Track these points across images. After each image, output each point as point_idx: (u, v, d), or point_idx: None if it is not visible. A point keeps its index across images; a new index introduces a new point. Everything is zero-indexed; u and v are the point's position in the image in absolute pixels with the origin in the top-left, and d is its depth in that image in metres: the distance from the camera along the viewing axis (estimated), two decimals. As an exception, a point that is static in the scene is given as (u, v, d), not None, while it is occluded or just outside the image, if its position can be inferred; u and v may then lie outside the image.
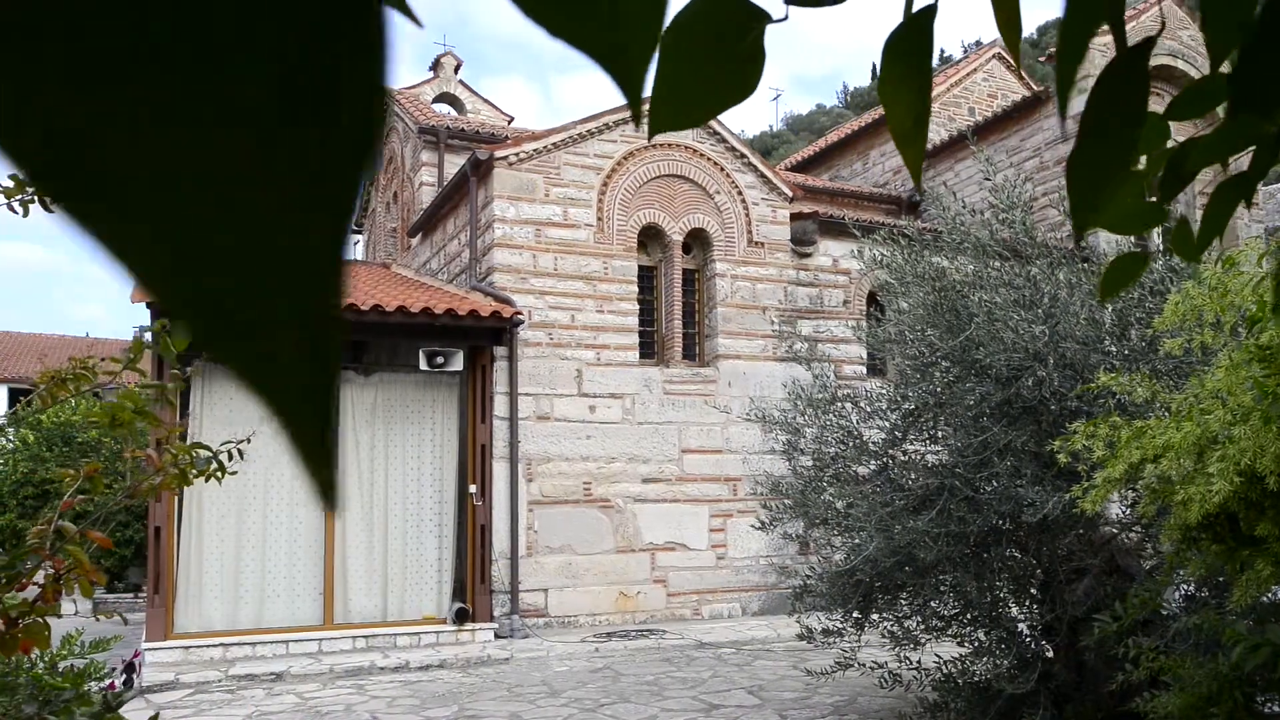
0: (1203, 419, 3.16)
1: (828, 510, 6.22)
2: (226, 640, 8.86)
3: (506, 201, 10.60)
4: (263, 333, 0.25)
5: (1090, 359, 5.41)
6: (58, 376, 2.38)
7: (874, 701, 7.07)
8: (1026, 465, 5.36)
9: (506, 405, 10.30)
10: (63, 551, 1.94)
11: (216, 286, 0.25)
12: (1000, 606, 5.85)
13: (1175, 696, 3.60)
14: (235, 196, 0.25)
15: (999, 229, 5.68)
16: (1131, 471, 3.55)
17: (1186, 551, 3.43)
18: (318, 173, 0.25)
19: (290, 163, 0.25)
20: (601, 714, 6.94)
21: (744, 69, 0.85)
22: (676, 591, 10.99)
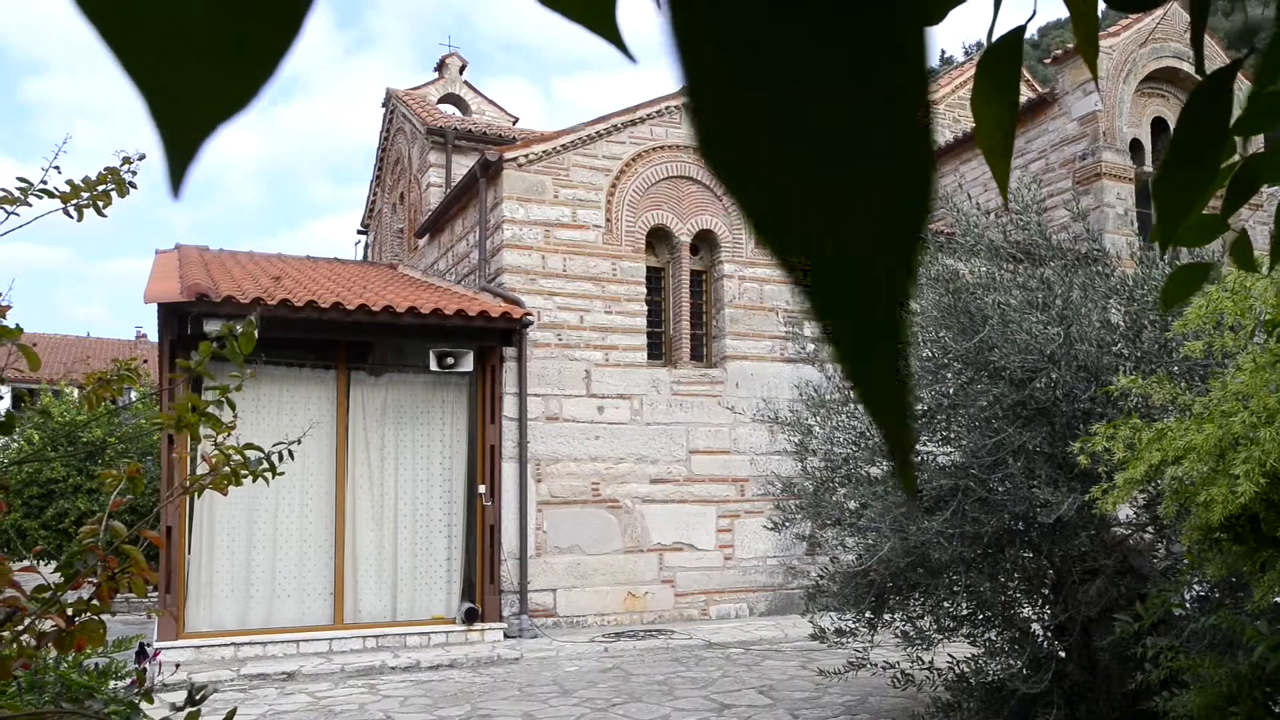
0: (1225, 421, 3.20)
1: (841, 511, 6.25)
2: (238, 640, 8.90)
3: (516, 203, 10.64)
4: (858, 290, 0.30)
5: (1103, 361, 5.44)
6: (103, 378, 2.41)
7: (885, 701, 7.10)
8: (1040, 467, 5.39)
9: (515, 406, 10.34)
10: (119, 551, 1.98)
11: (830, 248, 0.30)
12: (1013, 607, 5.89)
13: (1195, 695, 3.64)
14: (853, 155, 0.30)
15: (1012, 231, 5.72)
16: (1151, 473, 3.58)
17: (1207, 552, 3.47)
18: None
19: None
20: (614, 714, 6.97)
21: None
22: (684, 592, 11.02)
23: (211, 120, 0.29)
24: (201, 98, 0.29)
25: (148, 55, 0.28)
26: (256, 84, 0.30)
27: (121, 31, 0.27)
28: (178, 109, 0.29)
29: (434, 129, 13.93)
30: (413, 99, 15.96)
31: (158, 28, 0.27)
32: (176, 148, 0.29)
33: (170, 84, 0.28)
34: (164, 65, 0.28)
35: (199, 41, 0.28)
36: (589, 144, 11.00)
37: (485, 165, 10.82)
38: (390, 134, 16.66)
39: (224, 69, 0.29)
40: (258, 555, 9.34)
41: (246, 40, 0.29)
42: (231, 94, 0.29)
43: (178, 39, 0.28)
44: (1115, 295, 5.17)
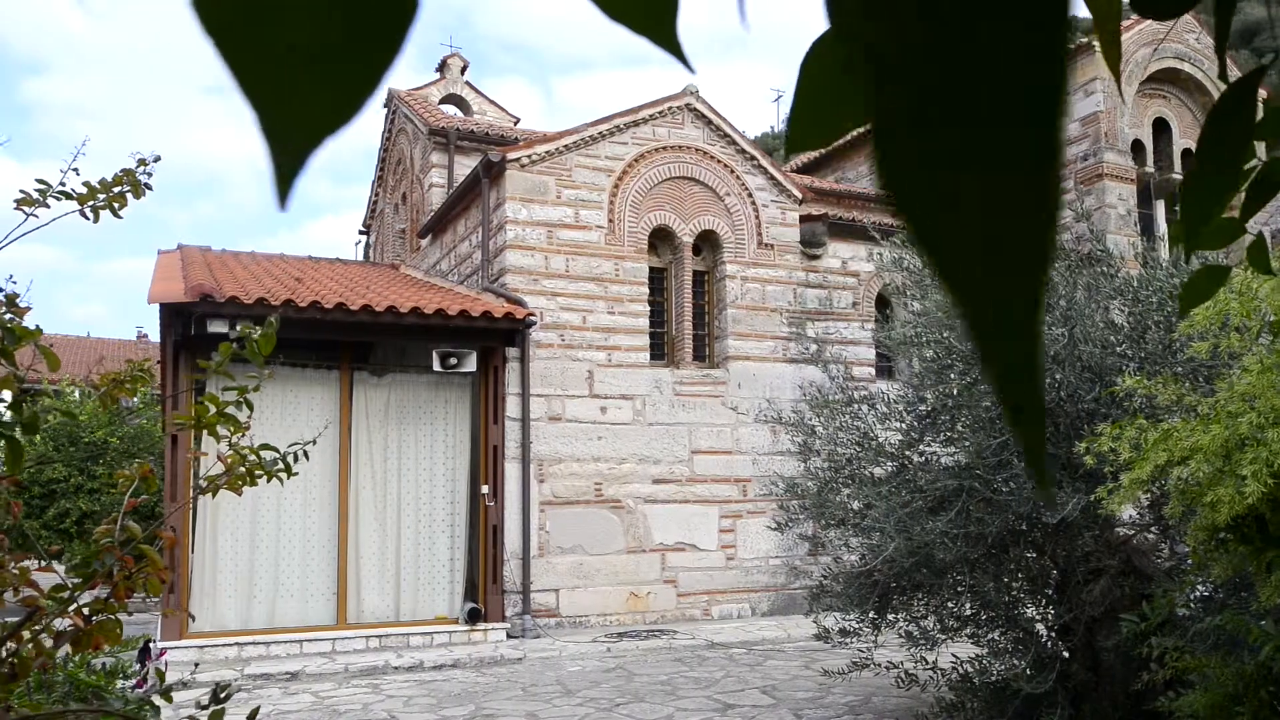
0: (1232, 422, 3.21)
1: (845, 511, 6.26)
2: (241, 640, 8.91)
3: (519, 203, 10.65)
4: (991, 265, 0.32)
5: (1107, 361, 5.46)
6: (117, 379, 2.42)
7: (888, 701, 7.11)
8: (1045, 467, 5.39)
9: (518, 406, 10.35)
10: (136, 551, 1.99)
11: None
12: (1017, 607, 5.89)
13: (1200, 695, 3.65)
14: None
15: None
16: (1157, 473, 3.59)
17: (1213, 552, 3.48)
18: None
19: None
20: (617, 714, 6.98)
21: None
22: (686, 592, 11.03)
23: (317, 135, 0.31)
24: (309, 114, 0.30)
25: (262, 74, 0.29)
26: (360, 100, 0.31)
27: (239, 52, 0.28)
28: (286, 124, 0.30)
29: (436, 129, 13.94)
30: (415, 99, 15.97)
31: (274, 48, 0.28)
32: (283, 160, 0.30)
33: (281, 101, 0.29)
34: (276, 83, 0.29)
35: (310, 61, 0.29)
36: (591, 144, 11.01)
37: (488, 166, 10.83)
38: (392, 134, 16.68)
39: (331, 87, 0.30)
40: (261, 555, 9.36)
41: (353, 59, 0.30)
42: (337, 110, 0.30)
43: (291, 59, 0.29)
44: (1120, 296, 5.18)
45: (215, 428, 1.77)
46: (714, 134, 11.62)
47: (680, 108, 11.48)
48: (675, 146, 11.37)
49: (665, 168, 11.33)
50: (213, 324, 8.68)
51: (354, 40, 0.30)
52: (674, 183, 11.38)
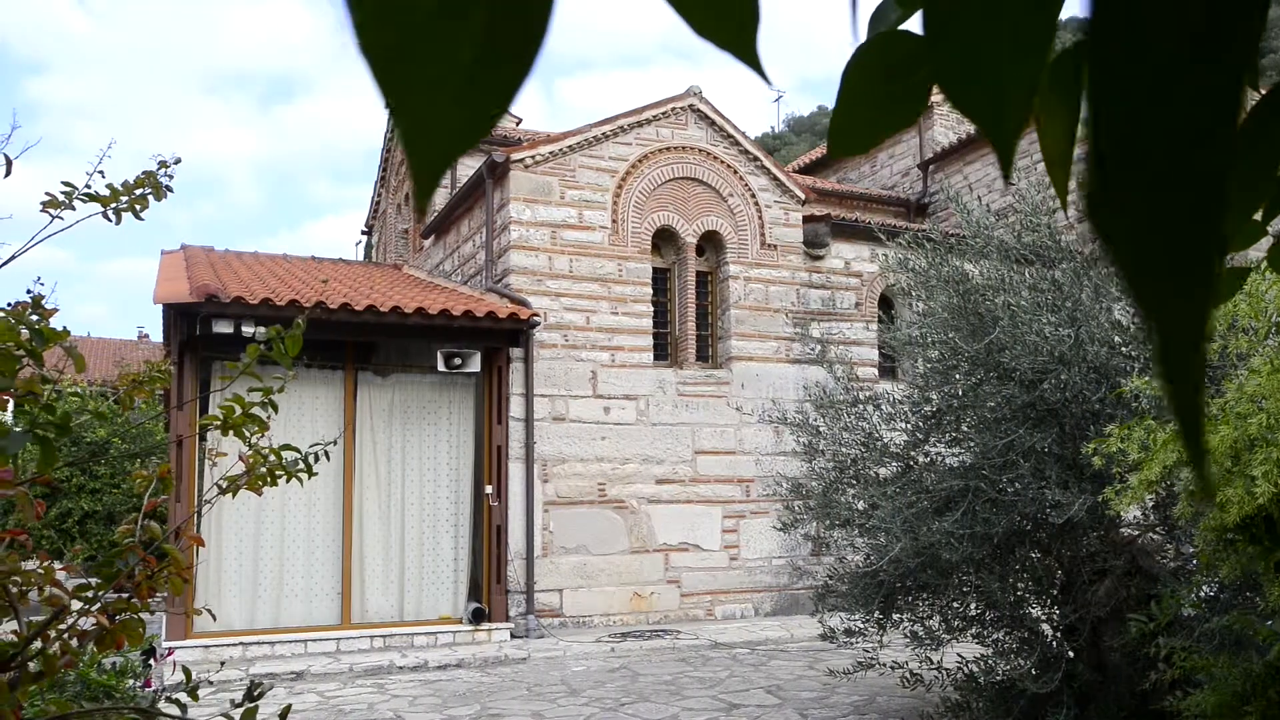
0: (1240, 423, 3.22)
1: (850, 512, 6.28)
2: (246, 640, 8.92)
3: (522, 204, 10.67)
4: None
5: (1113, 362, 5.47)
6: (136, 379, 2.44)
7: (893, 701, 7.13)
8: (1050, 468, 5.42)
9: (522, 406, 10.36)
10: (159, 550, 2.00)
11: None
12: (1022, 607, 5.91)
13: (1208, 694, 3.66)
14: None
15: (1024, 233, 5.75)
16: (1165, 474, 3.61)
17: (1221, 552, 3.49)
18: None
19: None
20: (623, 713, 6.99)
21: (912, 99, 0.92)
22: (690, 592, 11.05)
23: (454, 151, 0.32)
24: (448, 131, 0.31)
25: (410, 96, 0.30)
26: (494, 118, 0.32)
27: (392, 77, 0.30)
28: (428, 141, 0.31)
29: (439, 130, 13.95)
30: (417, 100, 15.99)
31: (423, 74, 0.30)
32: (423, 174, 0.32)
33: (425, 120, 0.31)
34: (421, 104, 0.31)
35: (454, 83, 0.30)
36: (595, 145, 11.02)
37: (492, 166, 10.85)
38: (395, 135, 16.70)
39: (469, 107, 0.31)
40: (265, 555, 9.37)
41: (490, 81, 0.31)
42: (472, 127, 0.32)
43: (436, 81, 0.30)
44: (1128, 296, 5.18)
45: (241, 428, 1.78)
46: (717, 134, 11.64)
47: (683, 108, 11.50)
48: (678, 147, 11.39)
49: (669, 168, 11.34)
50: (218, 324, 8.70)
51: (491, 63, 0.31)
52: (677, 183, 11.39)
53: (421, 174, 0.31)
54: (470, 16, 0.29)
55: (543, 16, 0.32)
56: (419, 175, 0.31)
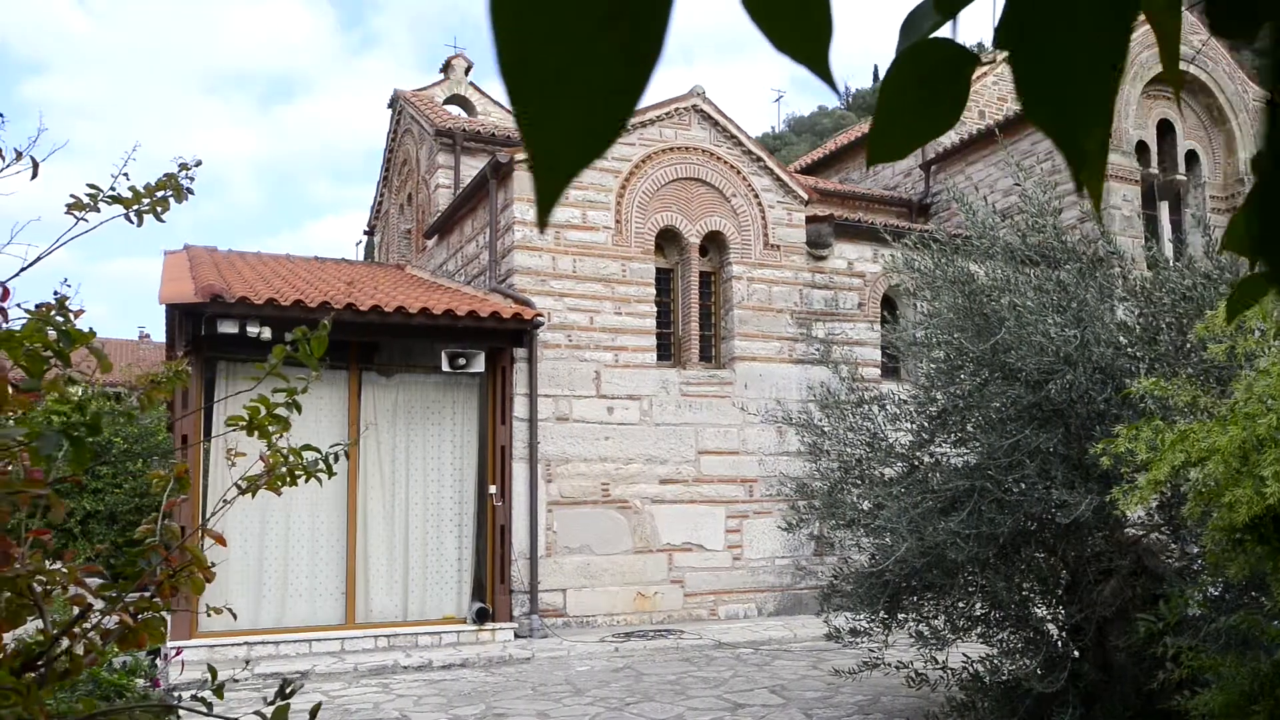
0: (1249, 423, 3.24)
1: (856, 512, 6.29)
2: (250, 639, 8.93)
3: (526, 204, 10.68)
4: None
5: (1118, 362, 5.49)
6: (155, 379, 2.45)
7: (897, 701, 7.14)
8: (1056, 468, 5.43)
9: (526, 406, 10.38)
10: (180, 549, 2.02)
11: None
12: (1028, 607, 5.92)
13: (1216, 694, 3.68)
14: None
15: (1030, 234, 5.76)
16: (1174, 474, 3.62)
17: (1230, 552, 3.51)
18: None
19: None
20: (628, 713, 7.01)
21: (950, 105, 0.93)
22: (693, 592, 11.06)
23: (575, 167, 0.34)
24: (570, 149, 0.33)
25: (540, 118, 0.32)
26: (610, 137, 0.34)
27: (526, 99, 0.31)
28: (552, 157, 0.33)
29: (443, 130, 13.97)
30: (420, 100, 16.00)
31: (552, 96, 0.31)
32: (546, 187, 0.33)
33: (551, 140, 0.32)
34: (549, 125, 0.32)
35: (578, 107, 0.32)
36: (599, 146, 11.03)
37: (496, 167, 10.86)
38: (398, 135, 16.71)
39: (590, 129, 0.33)
40: (270, 554, 9.38)
41: (608, 106, 0.33)
42: (591, 145, 0.33)
43: (564, 105, 0.32)
44: (1134, 297, 5.21)
45: (265, 428, 1.80)
46: (720, 135, 11.65)
47: (687, 109, 11.51)
48: (682, 147, 11.40)
49: (672, 169, 11.36)
50: (223, 324, 8.71)
51: (610, 89, 0.33)
52: (681, 184, 11.41)
53: (545, 188, 0.33)
54: (598, 49, 0.30)
55: (656, 50, 0.33)
56: (543, 189, 0.33)
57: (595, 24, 0.30)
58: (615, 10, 0.31)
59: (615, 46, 0.31)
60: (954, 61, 0.90)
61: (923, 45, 0.88)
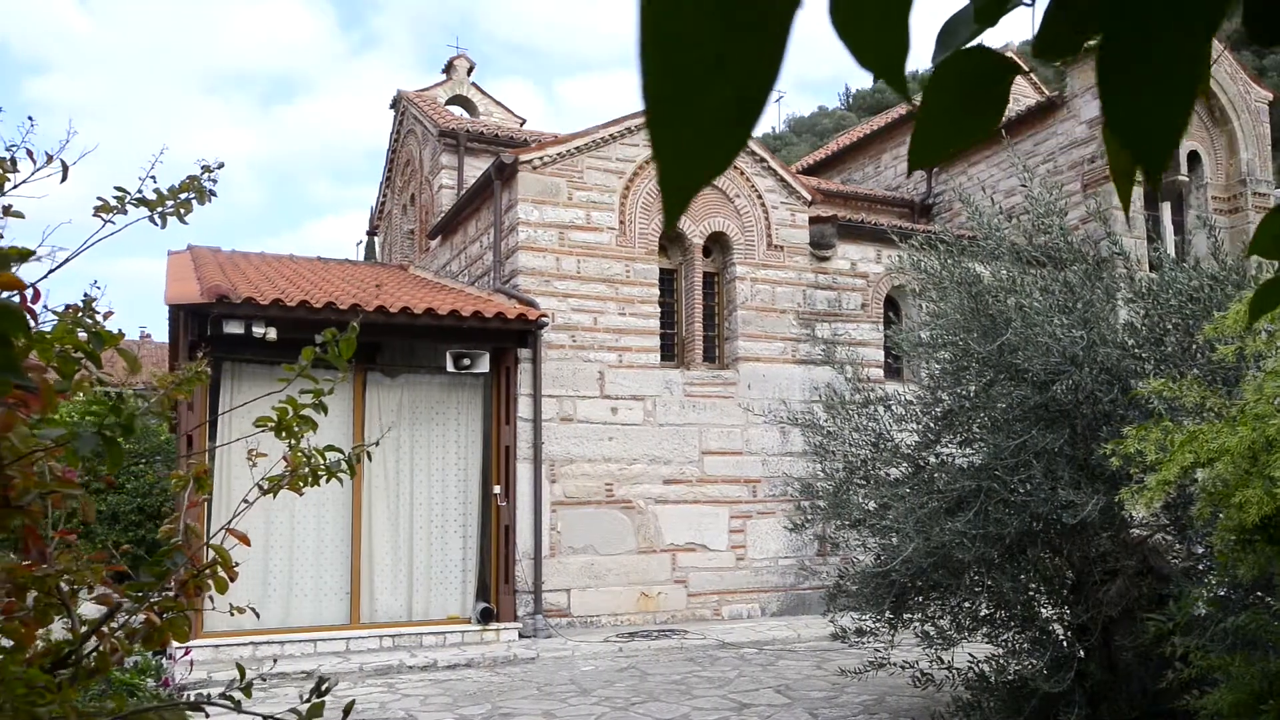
0: (1259, 424, 3.26)
1: (862, 512, 6.31)
2: (256, 639, 8.95)
3: (530, 205, 10.70)
4: None
5: (1124, 363, 5.50)
6: (176, 380, 2.47)
7: (903, 701, 7.16)
8: (1062, 468, 5.45)
9: (530, 407, 10.40)
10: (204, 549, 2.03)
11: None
12: (1033, 607, 5.94)
13: (1225, 693, 3.69)
14: None
15: (1035, 234, 5.78)
16: (1183, 475, 3.64)
17: (1239, 552, 3.52)
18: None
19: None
20: (634, 713, 7.02)
21: (990, 111, 0.95)
22: (697, 592, 11.08)
23: (698, 183, 0.35)
24: (694, 166, 0.35)
25: (672, 136, 0.33)
26: (731, 155, 0.36)
27: (662, 118, 0.33)
28: (679, 175, 0.35)
29: (446, 131, 13.99)
30: (423, 101, 16.02)
31: (685, 116, 0.33)
32: (673, 203, 0.35)
33: (680, 157, 0.34)
34: (679, 143, 0.34)
35: (706, 127, 0.34)
36: (603, 146, 11.06)
37: (500, 168, 10.88)
38: (401, 135, 16.72)
39: (714, 147, 0.35)
40: (275, 554, 9.40)
41: (732, 127, 0.35)
42: (713, 163, 0.35)
43: (694, 125, 0.34)
44: (1141, 299, 5.22)
45: (292, 428, 1.81)
46: (724, 136, 11.67)
47: (690, 110, 11.52)
48: (685, 148, 11.42)
49: (676, 169, 11.37)
50: (228, 325, 8.73)
51: (735, 113, 0.34)
52: (684, 184, 11.42)
53: (672, 199, 0.35)
54: (728, 78, 0.32)
55: (771, 77, 0.35)
56: (670, 200, 0.35)
57: (719, 72, 0.32)
58: (734, 62, 0.32)
59: (732, 91, 0.32)
60: (996, 70, 0.92)
61: (965, 54, 0.90)
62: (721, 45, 0.32)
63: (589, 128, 11.15)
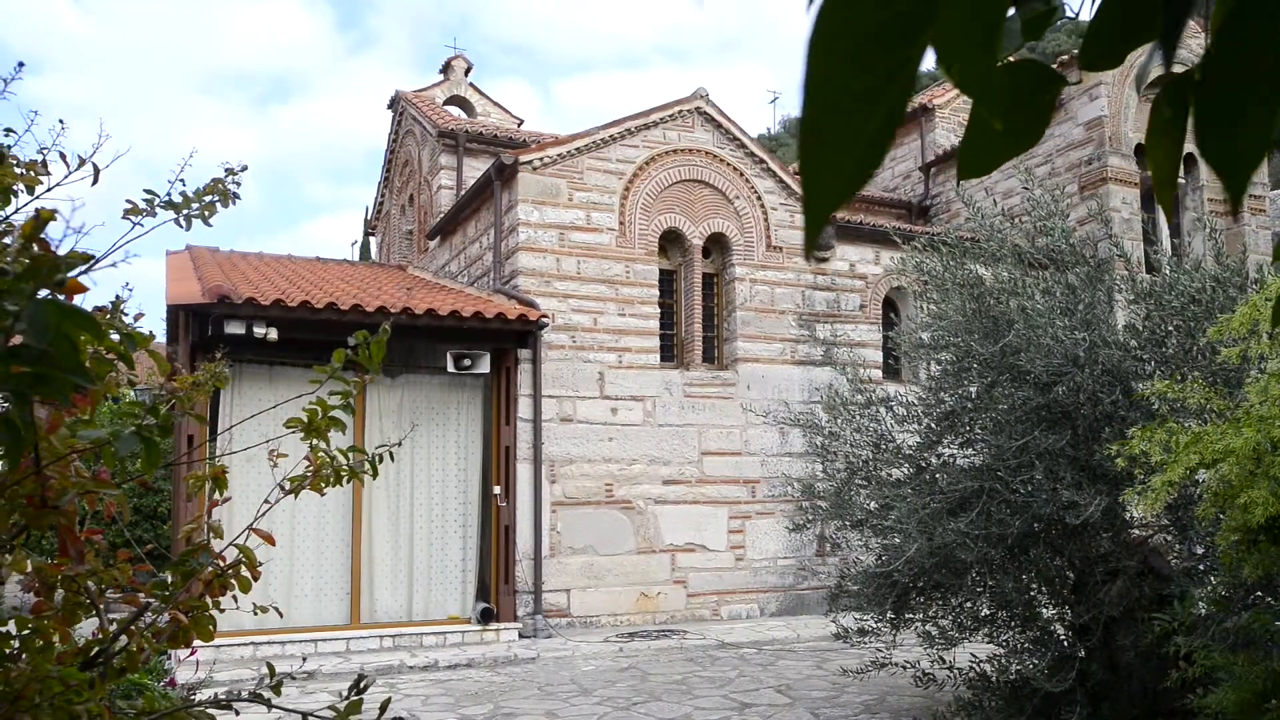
0: (1264, 426, 3.29)
1: (864, 512, 6.34)
2: (256, 639, 8.95)
3: (531, 205, 10.72)
4: None
5: (1125, 364, 5.54)
6: (195, 381, 2.49)
7: (903, 700, 7.19)
8: (1064, 469, 5.48)
9: (530, 407, 10.42)
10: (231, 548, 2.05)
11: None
12: (1035, 607, 5.97)
13: (1229, 692, 3.73)
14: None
15: (1037, 236, 5.82)
16: (1188, 475, 3.67)
17: (1244, 552, 3.56)
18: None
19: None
20: (635, 712, 7.04)
21: (1038, 121, 0.98)
22: (696, 592, 11.11)
23: (836, 204, 0.38)
24: (834, 189, 0.37)
25: (821, 161, 0.36)
26: (867, 177, 0.38)
27: (813, 143, 0.35)
28: (820, 196, 0.37)
29: (445, 131, 14.00)
30: (422, 101, 16.02)
31: (835, 142, 0.36)
32: (813, 222, 0.37)
33: (823, 179, 0.37)
34: (825, 166, 0.36)
35: (853, 152, 0.36)
36: (603, 147, 11.08)
37: (500, 168, 10.89)
38: (399, 136, 16.72)
39: (856, 169, 0.37)
40: (275, 555, 9.39)
41: (875, 149, 0.37)
42: (851, 184, 0.38)
43: (842, 150, 0.36)
44: (1143, 300, 5.26)
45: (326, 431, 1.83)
46: (723, 137, 11.70)
47: (690, 111, 11.56)
48: (685, 149, 11.45)
49: (675, 170, 11.41)
50: (230, 325, 8.73)
51: (878, 137, 0.37)
52: (684, 185, 11.45)
53: (813, 217, 0.37)
54: (878, 107, 0.34)
55: (895, 121, 0.37)
56: (812, 218, 0.37)
57: (869, 103, 0.34)
58: (875, 98, 0.35)
59: (877, 120, 0.35)
60: (1044, 82, 0.94)
61: (1016, 66, 0.93)
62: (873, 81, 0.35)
63: (589, 129, 11.17)
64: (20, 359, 0.88)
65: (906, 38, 0.37)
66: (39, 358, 0.87)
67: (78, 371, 0.91)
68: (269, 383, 9.39)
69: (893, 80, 0.36)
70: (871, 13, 0.36)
